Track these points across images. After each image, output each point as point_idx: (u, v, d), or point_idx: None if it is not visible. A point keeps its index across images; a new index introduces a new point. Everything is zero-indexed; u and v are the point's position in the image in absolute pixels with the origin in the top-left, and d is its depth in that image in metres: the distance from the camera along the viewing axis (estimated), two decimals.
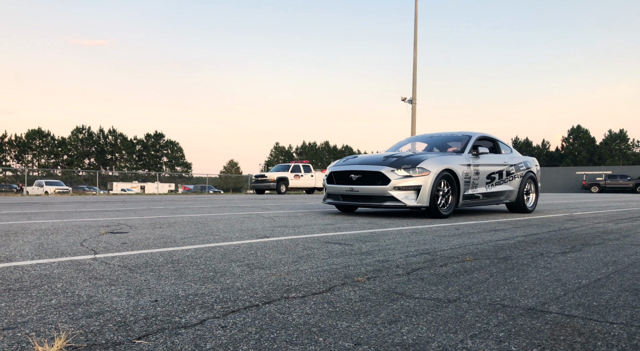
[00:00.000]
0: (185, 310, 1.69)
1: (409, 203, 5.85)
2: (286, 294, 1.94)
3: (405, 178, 5.89)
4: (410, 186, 5.88)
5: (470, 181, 6.51)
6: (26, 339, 1.35)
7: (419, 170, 5.91)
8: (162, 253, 2.89)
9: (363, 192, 6.15)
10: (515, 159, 7.70)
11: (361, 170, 6.21)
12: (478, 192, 6.73)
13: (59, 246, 3.12)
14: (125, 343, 1.34)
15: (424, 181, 5.87)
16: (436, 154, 6.35)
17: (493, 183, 7.02)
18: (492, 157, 7.14)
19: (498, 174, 7.12)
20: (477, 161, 6.71)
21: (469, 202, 6.61)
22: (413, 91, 21.24)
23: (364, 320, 1.63)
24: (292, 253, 2.99)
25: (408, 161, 6.10)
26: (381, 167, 6.05)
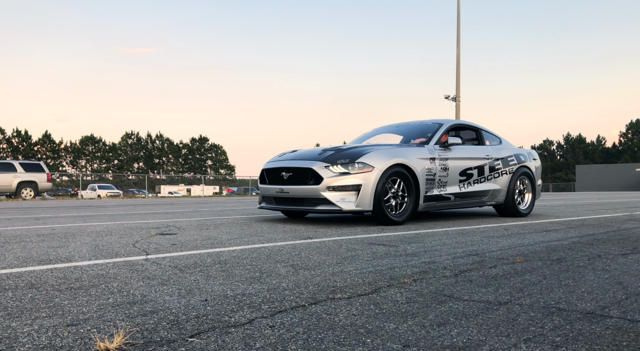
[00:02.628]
0: (234, 309, 1.72)
1: (346, 206, 4.71)
2: (332, 295, 1.95)
3: (341, 176, 4.76)
4: (348, 186, 4.74)
5: (435, 178, 5.33)
6: (88, 335, 1.42)
7: (359, 166, 4.78)
8: (210, 254, 2.96)
9: (294, 194, 5.01)
10: (504, 151, 6.39)
11: (292, 166, 5.10)
12: (448, 192, 5.51)
13: (113, 247, 3.27)
14: (179, 341, 1.38)
15: (365, 178, 4.74)
16: (385, 146, 5.18)
17: (470, 181, 5.79)
18: (468, 149, 5.92)
19: (477, 170, 5.88)
20: (446, 154, 5.52)
21: (434, 204, 5.43)
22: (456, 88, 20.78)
23: (412, 321, 1.61)
24: (336, 254, 3.00)
25: (346, 154, 4.94)
26: (313, 163, 4.91)
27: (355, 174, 4.76)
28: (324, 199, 4.79)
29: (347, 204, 4.73)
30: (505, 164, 6.26)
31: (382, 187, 4.80)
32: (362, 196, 4.73)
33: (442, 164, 5.44)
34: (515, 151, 6.56)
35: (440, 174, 5.40)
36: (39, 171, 19.28)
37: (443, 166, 5.44)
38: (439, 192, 5.42)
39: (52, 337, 1.40)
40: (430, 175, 5.28)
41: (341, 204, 4.73)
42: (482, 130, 6.46)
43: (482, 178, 5.96)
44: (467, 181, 5.75)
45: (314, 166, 4.88)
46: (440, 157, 5.43)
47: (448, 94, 20.82)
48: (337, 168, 4.79)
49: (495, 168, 6.13)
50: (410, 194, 5.09)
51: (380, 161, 4.82)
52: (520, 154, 6.59)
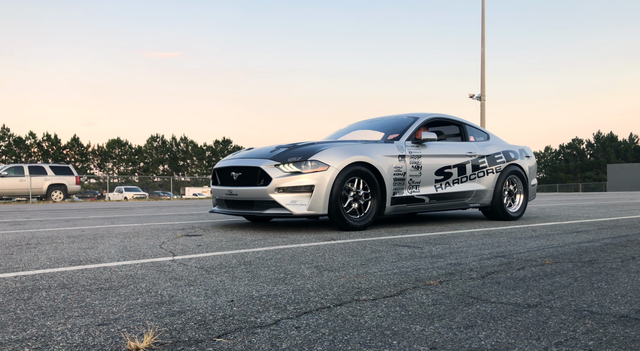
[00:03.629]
0: (260, 310, 1.73)
1: (297, 210, 4.25)
2: (357, 296, 1.94)
3: (292, 176, 4.28)
4: (299, 187, 4.27)
5: (405, 178, 4.80)
6: (119, 334, 1.45)
7: (313, 164, 4.29)
8: (235, 255, 2.99)
9: (242, 196, 4.54)
10: (491, 148, 5.77)
11: (241, 166, 4.62)
12: (421, 193, 4.95)
13: (141, 248, 3.33)
14: (207, 341, 1.40)
15: (319, 178, 4.25)
16: (345, 143, 4.66)
17: (449, 181, 5.23)
18: (446, 146, 5.36)
19: (457, 168, 5.31)
20: (419, 151, 4.98)
21: (405, 207, 4.88)
22: (481, 87, 20.48)
23: (439, 323, 1.59)
24: (360, 255, 2.99)
25: (298, 152, 4.45)
26: (262, 162, 4.44)
27: (308, 174, 4.28)
28: (272, 202, 4.33)
29: (299, 208, 4.27)
30: (492, 162, 5.66)
31: (340, 188, 4.32)
32: (315, 198, 4.25)
33: (414, 162, 4.91)
34: (504, 147, 5.93)
35: (411, 173, 4.86)
36: (68, 174, 19.84)
37: (415, 165, 4.91)
38: (410, 193, 4.87)
39: (85, 336, 1.44)
40: (398, 174, 4.76)
41: (292, 208, 4.26)
42: (466, 125, 5.89)
43: (464, 177, 5.38)
44: (445, 180, 5.20)
45: (263, 165, 4.41)
46: (411, 154, 4.90)
47: (473, 93, 20.54)
48: (288, 167, 4.32)
49: (480, 167, 5.53)
50: (374, 195, 4.57)
51: (337, 159, 4.34)
52: (510, 151, 5.96)
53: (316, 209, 4.27)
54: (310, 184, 4.27)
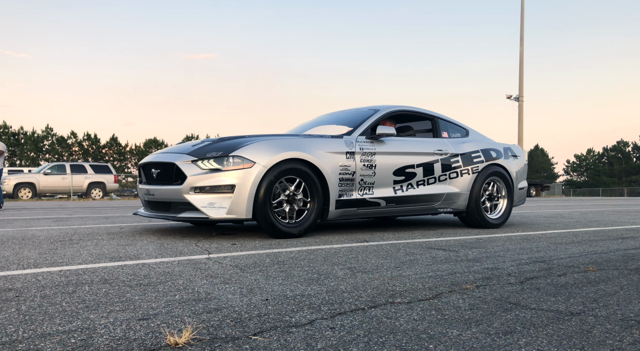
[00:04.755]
0: (294, 309, 1.74)
1: (215, 213, 3.70)
2: (391, 299, 1.92)
3: (211, 174, 3.74)
4: (218, 186, 3.72)
5: (354, 178, 4.24)
6: (159, 329, 1.49)
7: (235, 160, 3.75)
8: (268, 254, 3.02)
9: (159, 196, 4.05)
10: (467, 146, 5.09)
11: (158, 161, 4.09)
12: (376, 196, 4.37)
13: (177, 246, 3.41)
14: (243, 339, 1.42)
15: (242, 177, 3.69)
16: (278, 137, 4.13)
17: (412, 182, 4.61)
18: (410, 142, 4.73)
19: (423, 168, 4.67)
20: (373, 147, 4.39)
21: (354, 211, 4.29)
22: (519, 87, 19.98)
23: (476, 329, 1.56)
24: (394, 258, 2.96)
25: (220, 146, 3.91)
26: (179, 157, 3.91)
27: (229, 172, 3.72)
28: (188, 204, 3.80)
29: (217, 211, 3.70)
30: (468, 161, 4.99)
31: (269, 188, 3.77)
32: (237, 199, 3.69)
33: (367, 160, 4.31)
34: (484, 145, 5.24)
35: (362, 173, 4.28)
36: (107, 172, 20.54)
37: (367, 163, 4.31)
38: (362, 195, 4.29)
39: (126, 330, 1.48)
40: (346, 174, 4.18)
41: (208, 211, 3.70)
42: (439, 119, 5.22)
43: (431, 178, 4.75)
44: (407, 182, 4.58)
45: (179, 160, 3.87)
46: (363, 151, 4.31)
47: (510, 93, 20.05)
48: (207, 164, 3.79)
49: (452, 167, 4.88)
50: (314, 198, 4.01)
51: (265, 155, 3.79)
52: (492, 149, 5.24)
53: (237, 213, 3.72)
54: (230, 184, 3.70)
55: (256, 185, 3.72)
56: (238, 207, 3.71)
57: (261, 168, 3.74)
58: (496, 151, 5.26)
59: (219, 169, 3.74)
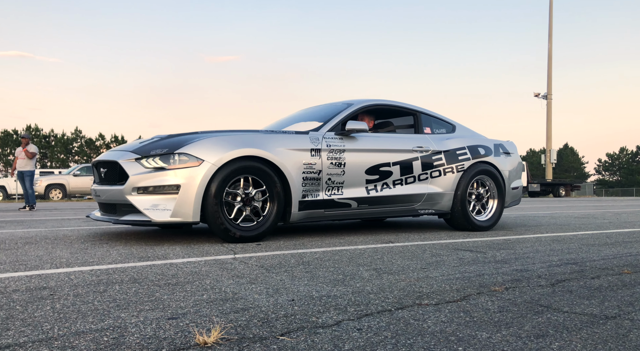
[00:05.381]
0: (320, 310, 1.74)
1: (158, 216, 3.42)
2: (418, 301, 1.90)
3: (155, 173, 3.46)
4: (161, 187, 3.44)
5: (321, 177, 3.93)
6: (187, 328, 1.51)
7: (181, 158, 3.48)
8: (293, 255, 3.03)
9: (104, 197, 3.78)
10: (452, 142, 4.73)
11: (104, 160, 3.85)
12: (345, 196, 4.06)
13: (204, 246, 3.45)
14: (270, 339, 1.43)
15: (189, 176, 3.42)
16: (231, 133, 3.77)
17: (388, 182, 4.28)
18: (384, 138, 4.40)
19: (400, 166, 4.34)
20: (343, 144, 4.08)
21: (322, 213, 4.00)
22: (548, 85, 19.55)
23: (506, 331, 1.52)
24: (420, 259, 2.93)
25: (167, 143, 3.63)
26: (123, 155, 3.66)
27: (174, 170, 3.44)
28: (131, 206, 3.53)
29: (160, 214, 3.42)
30: (452, 158, 4.63)
31: (220, 188, 3.49)
32: (182, 201, 3.41)
33: (335, 157, 4.00)
34: (472, 141, 4.86)
35: (330, 171, 3.98)
36: None
37: (336, 161, 4.00)
38: (330, 196, 3.98)
39: (156, 329, 1.50)
40: (311, 173, 3.88)
41: (151, 214, 3.42)
42: (421, 114, 4.84)
43: (410, 177, 4.41)
44: (382, 181, 4.26)
45: (122, 158, 3.61)
46: (330, 148, 3.99)
47: (538, 91, 19.63)
48: (152, 162, 3.51)
49: (434, 165, 4.53)
50: (273, 199, 3.72)
51: (215, 152, 3.51)
52: (480, 146, 4.86)
53: (183, 216, 3.43)
54: (175, 184, 3.42)
55: (204, 185, 3.44)
56: (184, 209, 3.42)
57: (210, 167, 3.46)
58: (485, 148, 4.89)
59: (164, 167, 3.47)
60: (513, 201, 5.18)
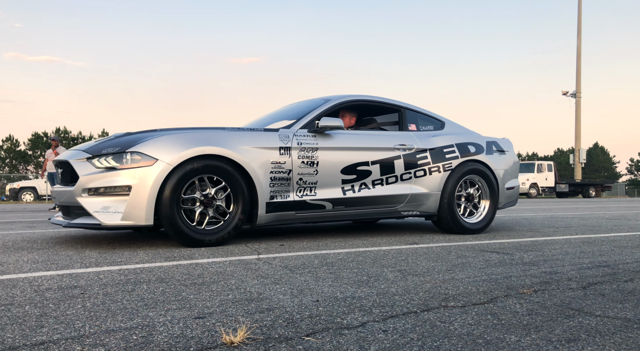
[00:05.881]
0: (345, 311, 1.74)
1: (108, 219, 3.21)
2: (444, 302, 1.88)
3: (106, 173, 3.26)
4: (112, 188, 3.24)
5: (291, 177, 3.72)
6: (214, 328, 1.53)
7: (134, 157, 3.28)
8: (317, 256, 3.03)
9: (60, 199, 3.57)
10: (438, 140, 4.47)
11: (59, 160, 3.66)
12: (319, 197, 3.84)
13: (228, 246, 3.48)
14: (296, 339, 1.43)
15: (141, 177, 3.21)
16: (189, 130, 3.56)
17: (366, 182, 4.05)
18: (362, 136, 4.16)
19: (380, 165, 4.11)
20: (316, 142, 3.85)
21: (292, 215, 3.78)
22: (577, 83, 19.08)
23: (536, 335, 1.49)
24: (445, 260, 2.89)
25: (119, 142, 3.43)
26: (76, 154, 3.49)
27: (125, 170, 3.23)
28: (81, 208, 3.31)
29: (111, 217, 3.21)
30: (438, 157, 4.37)
31: (177, 189, 3.28)
32: (133, 203, 3.20)
33: (307, 156, 3.78)
34: (462, 139, 4.59)
35: (301, 171, 3.76)
36: None
37: (308, 160, 3.78)
38: (301, 197, 3.77)
39: (184, 328, 1.53)
40: (279, 173, 3.67)
41: (102, 217, 3.21)
42: (406, 109, 4.58)
43: (391, 177, 4.17)
44: (360, 181, 4.02)
45: (73, 158, 3.43)
46: (302, 146, 3.78)
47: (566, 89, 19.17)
48: (103, 161, 3.31)
49: (418, 163, 4.28)
50: (237, 200, 3.51)
51: (171, 151, 3.29)
52: (470, 143, 4.58)
53: (135, 219, 3.21)
54: (126, 184, 3.21)
55: (158, 186, 3.23)
56: (135, 211, 3.21)
57: (165, 166, 3.25)
58: (475, 146, 4.60)
59: (115, 167, 3.27)
60: (508, 202, 4.91)
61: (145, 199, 3.21)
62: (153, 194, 3.22)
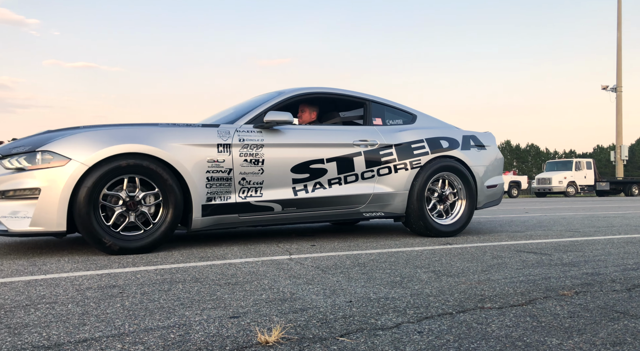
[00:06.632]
0: (379, 312, 1.72)
1: (16, 225, 2.93)
2: (480, 304, 1.84)
3: (15, 174, 3.00)
4: (20, 190, 2.97)
5: (232, 177, 3.42)
6: (249, 327, 1.54)
7: (44, 157, 3.00)
8: (348, 256, 3.02)
9: None
10: (406, 134, 4.12)
11: None
12: (266, 199, 3.54)
13: (260, 246, 3.52)
14: (330, 339, 1.42)
15: (51, 178, 2.94)
16: (114, 127, 3.26)
17: (322, 182, 3.74)
18: (316, 131, 3.86)
19: (337, 163, 3.79)
20: (262, 138, 3.55)
21: (234, 218, 3.48)
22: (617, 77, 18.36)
23: (579, 338, 1.44)
24: (480, 261, 2.83)
25: (32, 140, 3.16)
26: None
27: (35, 171, 2.95)
28: None
29: (19, 222, 2.94)
30: (405, 153, 4.02)
31: (94, 192, 3.00)
32: (43, 207, 2.92)
33: (250, 154, 3.48)
34: (433, 133, 4.22)
35: (244, 170, 3.46)
36: None
37: (252, 158, 3.48)
38: (245, 198, 3.47)
39: (219, 327, 1.55)
40: (218, 172, 3.38)
41: (9, 222, 2.94)
42: (372, 102, 4.23)
43: (351, 175, 3.84)
44: (314, 180, 3.71)
45: None
46: (245, 143, 3.48)
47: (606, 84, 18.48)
48: (13, 162, 3.03)
49: (382, 160, 3.95)
50: (167, 203, 3.22)
51: (86, 149, 3.00)
52: (442, 138, 4.21)
53: (45, 224, 2.94)
54: (34, 187, 2.93)
55: (71, 188, 2.95)
56: (46, 216, 2.93)
57: (79, 166, 2.96)
58: (449, 141, 4.22)
59: (25, 168, 2.99)
60: (489, 202, 4.51)
61: (57, 203, 2.93)
62: (65, 197, 2.94)
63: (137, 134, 3.19)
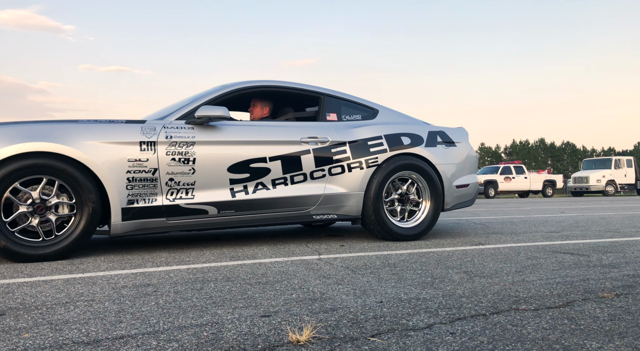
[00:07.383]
0: (410, 313, 1.70)
1: None
2: (515, 305, 1.79)
3: None
4: None
5: (158, 177, 3.17)
6: (280, 326, 1.55)
7: None
8: (378, 256, 3.00)
9: None
10: (362, 131, 3.83)
11: None
12: (198, 201, 3.28)
13: (289, 246, 3.53)
14: (361, 340, 1.42)
15: None
16: (18, 124, 2.99)
17: (264, 182, 3.47)
18: (258, 127, 3.57)
19: (282, 162, 3.52)
20: (194, 135, 3.30)
21: (162, 222, 3.22)
22: None
23: (620, 342, 1.38)
24: (514, 262, 2.76)
25: None
26: None
27: None
28: None
29: None
30: (361, 151, 3.74)
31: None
32: None
33: (179, 152, 3.22)
34: (394, 129, 3.90)
35: (172, 170, 3.20)
36: None
37: (180, 156, 3.22)
38: (173, 201, 3.21)
39: (251, 326, 1.56)
40: (140, 172, 3.12)
41: None
42: (327, 96, 3.94)
43: (298, 175, 3.57)
44: (255, 181, 3.45)
45: None
46: (172, 140, 3.22)
47: None
48: None
49: (334, 159, 3.68)
50: (80, 206, 2.99)
51: None
52: (404, 134, 3.90)
53: None
54: None
55: None
56: None
57: None
58: (411, 137, 3.91)
59: None
60: (459, 202, 4.17)
61: None
62: None
63: (46, 131, 2.94)
